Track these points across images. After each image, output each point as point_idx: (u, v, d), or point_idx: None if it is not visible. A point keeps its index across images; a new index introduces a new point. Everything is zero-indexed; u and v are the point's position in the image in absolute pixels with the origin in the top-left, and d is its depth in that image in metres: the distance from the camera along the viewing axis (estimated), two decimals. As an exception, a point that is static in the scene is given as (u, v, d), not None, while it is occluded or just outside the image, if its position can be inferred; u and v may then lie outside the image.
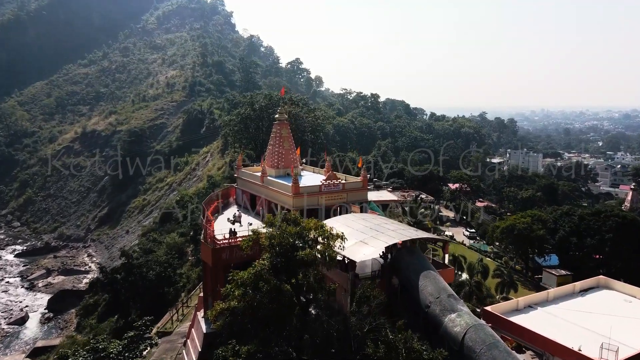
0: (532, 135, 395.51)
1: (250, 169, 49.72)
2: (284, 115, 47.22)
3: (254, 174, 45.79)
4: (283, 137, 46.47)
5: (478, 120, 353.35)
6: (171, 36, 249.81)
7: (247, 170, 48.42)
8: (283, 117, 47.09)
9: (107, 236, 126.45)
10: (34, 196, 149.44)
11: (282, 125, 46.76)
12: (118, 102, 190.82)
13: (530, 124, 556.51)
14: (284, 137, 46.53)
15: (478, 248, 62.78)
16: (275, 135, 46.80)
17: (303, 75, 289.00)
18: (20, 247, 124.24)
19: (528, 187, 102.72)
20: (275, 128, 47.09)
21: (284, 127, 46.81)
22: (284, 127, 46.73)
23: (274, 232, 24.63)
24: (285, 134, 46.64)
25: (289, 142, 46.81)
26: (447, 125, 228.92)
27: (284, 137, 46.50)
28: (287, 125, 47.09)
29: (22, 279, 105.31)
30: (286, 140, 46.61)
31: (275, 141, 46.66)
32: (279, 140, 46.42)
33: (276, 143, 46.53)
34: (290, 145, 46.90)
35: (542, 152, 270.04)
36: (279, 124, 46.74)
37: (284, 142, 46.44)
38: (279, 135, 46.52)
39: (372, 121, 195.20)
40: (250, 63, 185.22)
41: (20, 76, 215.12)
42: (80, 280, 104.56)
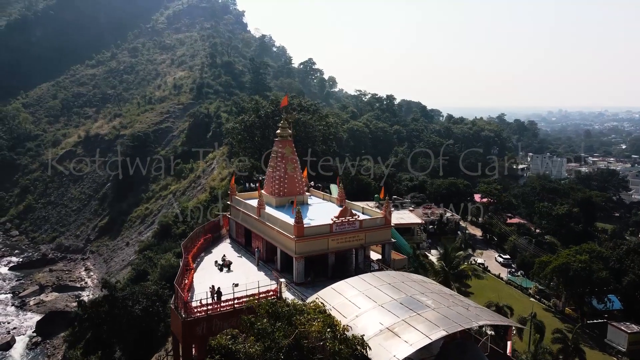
0: (551, 137, 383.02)
1: (247, 195, 41.26)
2: (287, 131, 38.56)
3: (249, 204, 37.28)
4: (286, 158, 37.89)
5: (497, 122, 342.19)
6: (181, 36, 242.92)
7: (241, 198, 39.95)
8: (286, 133, 38.47)
9: (106, 248, 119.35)
10: (34, 203, 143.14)
11: (285, 144, 38.18)
12: (124, 104, 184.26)
13: (548, 125, 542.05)
14: (287, 158, 37.95)
15: (519, 284, 53.42)
16: (277, 156, 38.20)
17: (316, 76, 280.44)
18: (16, 259, 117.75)
19: (562, 202, 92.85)
20: (276, 146, 38.58)
21: (287, 145, 38.22)
22: (287, 146, 38.13)
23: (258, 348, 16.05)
24: (288, 153, 38.03)
25: (293, 164, 38.23)
26: (466, 128, 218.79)
27: (287, 158, 37.92)
28: (290, 142, 38.48)
29: (13, 295, 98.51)
30: (290, 161, 38.04)
31: (277, 163, 38.10)
32: (281, 161, 37.85)
33: (277, 165, 37.97)
34: (294, 168, 38.32)
35: (564, 155, 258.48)
36: (281, 142, 38.19)
37: (287, 164, 37.86)
38: (281, 155, 37.93)
39: (387, 125, 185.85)
40: (260, 64, 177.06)
41: (26, 77, 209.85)
42: (74, 299, 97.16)
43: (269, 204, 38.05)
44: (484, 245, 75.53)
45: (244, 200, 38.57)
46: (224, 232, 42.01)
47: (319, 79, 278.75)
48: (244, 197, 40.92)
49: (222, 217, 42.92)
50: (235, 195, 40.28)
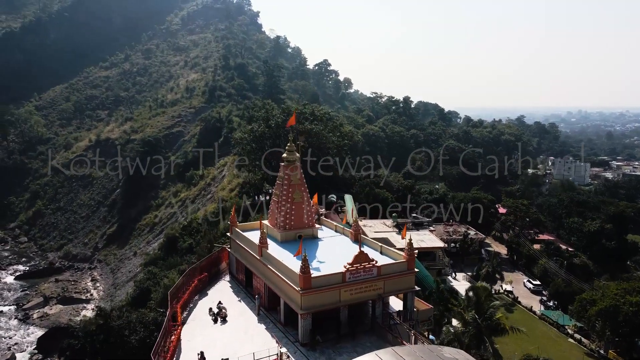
0: (571, 139, 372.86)
1: (250, 226, 36.62)
2: (294, 155, 33.75)
3: (250, 240, 32.55)
4: (293, 185, 33.13)
5: (516, 124, 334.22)
6: (195, 37, 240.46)
7: (243, 230, 35.28)
8: (293, 157, 33.68)
9: (114, 257, 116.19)
10: (44, 209, 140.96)
11: (292, 169, 33.41)
12: (137, 107, 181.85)
13: (568, 126, 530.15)
14: (294, 185, 33.19)
15: (555, 320, 47.85)
16: (283, 183, 33.47)
17: (331, 78, 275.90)
18: (23, 268, 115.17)
19: (593, 216, 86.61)
20: (282, 172, 33.84)
21: (295, 170, 33.45)
22: (294, 171, 33.36)
23: None
24: (295, 180, 33.26)
25: (301, 192, 33.45)
26: (485, 132, 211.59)
27: (293, 185, 33.16)
28: (298, 168, 33.68)
29: (17, 307, 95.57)
30: (297, 189, 33.28)
31: (282, 191, 33.37)
32: (287, 190, 33.11)
33: (283, 194, 33.23)
34: (302, 197, 33.54)
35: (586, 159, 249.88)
36: (288, 167, 33.42)
37: (294, 192, 33.10)
38: (287, 182, 33.18)
39: (404, 129, 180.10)
40: (274, 66, 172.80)
41: (40, 79, 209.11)
42: (79, 312, 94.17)
43: (274, 238, 33.34)
44: (510, 267, 69.90)
45: (244, 233, 33.92)
46: (224, 265, 37.57)
47: (334, 81, 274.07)
48: (246, 227, 36.31)
49: (222, 250, 38.44)
50: (236, 226, 35.69)
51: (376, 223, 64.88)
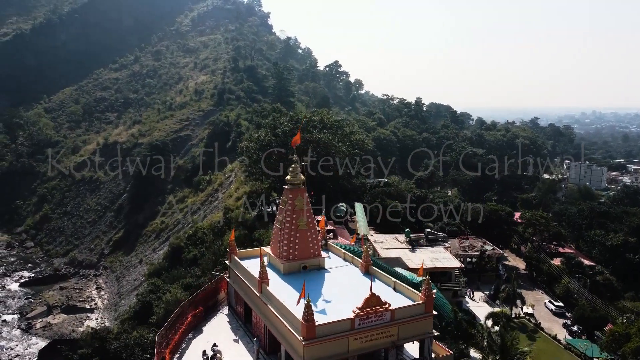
0: (586, 141, 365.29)
1: (250, 253, 33.63)
2: (298, 177, 30.72)
3: (249, 272, 29.58)
4: (297, 211, 30.11)
5: (530, 126, 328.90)
6: (205, 38, 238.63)
7: (242, 259, 32.33)
8: (297, 180, 30.66)
9: (119, 264, 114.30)
10: (51, 213, 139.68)
11: (297, 193, 30.39)
12: (145, 110, 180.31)
13: (582, 127, 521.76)
14: (299, 211, 30.16)
15: (582, 352, 44.21)
16: (286, 209, 30.45)
17: (342, 79, 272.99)
18: (28, 274, 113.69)
19: (616, 228, 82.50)
20: (285, 196, 30.85)
21: (299, 194, 30.42)
22: (298, 196, 30.34)
23: None
24: (300, 206, 30.21)
25: (306, 219, 30.41)
26: (499, 135, 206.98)
27: (298, 211, 30.15)
28: (303, 191, 30.63)
29: (20, 316, 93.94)
30: (302, 215, 30.25)
31: (285, 217, 30.35)
32: (290, 216, 30.09)
33: (287, 221, 30.22)
34: (308, 224, 30.48)
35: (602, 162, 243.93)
36: (292, 191, 30.41)
37: (298, 219, 30.10)
38: (291, 208, 30.16)
39: (416, 132, 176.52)
40: (283, 68, 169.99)
41: (50, 81, 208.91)
42: (82, 322, 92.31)
43: (276, 269, 30.39)
44: (529, 284, 66.21)
45: (244, 263, 31.02)
46: (222, 295, 34.75)
47: (344, 82, 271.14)
48: (246, 255, 33.34)
49: (220, 279, 35.57)
50: (235, 253, 32.77)
51: (387, 238, 61.70)
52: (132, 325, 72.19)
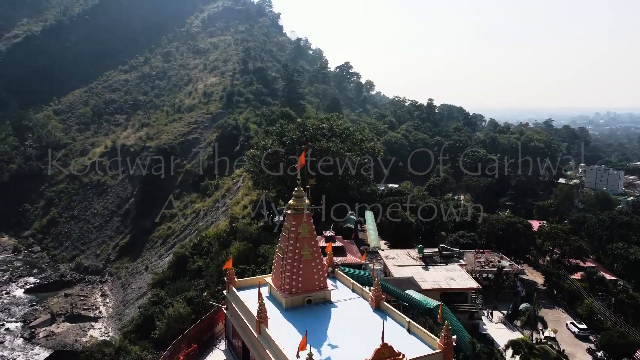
0: (601, 143, 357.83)
1: (250, 282, 30.92)
2: (302, 202, 27.91)
3: (247, 309, 26.85)
4: (301, 239, 27.36)
5: (543, 127, 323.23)
6: (215, 40, 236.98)
7: (240, 292, 29.56)
8: (301, 205, 27.86)
9: (125, 270, 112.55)
10: (58, 217, 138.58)
11: (300, 220, 27.59)
12: (154, 112, 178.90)
13: (596, 128, 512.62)
14: (303, 240, 27.41)
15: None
16: (289, 236, 27.66)
17: (353, 80, 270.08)
18: (34, 280, 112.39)
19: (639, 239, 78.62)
20: (288, 222, 28.04)
21: (303, 221, 27.65)
22: (302, 222, 27.56)
23: None
24: (305, 233, 27.44)
25: (310, 248, 27.64)
26: (513, 138, 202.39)
27: (302, 239, 27.39)
28: (308, 217, 27.85)
29: (24, 325, 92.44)
30: (307, 244, 27.49)
31: (288, 246, 27.58)
32: (293, 244, 27.33)
33: (289, 250, 27.45)
34: (313, 252, 27.71)
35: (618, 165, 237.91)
36: (295, 218, 27.61)
37: (302, 247, 27.34)
38: (294, 236, 27.39)
39: (428, 135, 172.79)
40: (293, 70, 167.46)
41: (61, 83, 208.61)
42: (86, 331, 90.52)
43: (277, 303, 27.69)
44: (548, 301, 62.77)
45: (243, 294, 28.30)
46: (220, 327, 32.12)
47: (355, 83, 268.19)
48: (246, 284, 30.68)
49: (217, 310, 32.91)
50: (233, 283, 30.06)
51: (399, 254, 58.62)
52: (134, 339, 70.41)
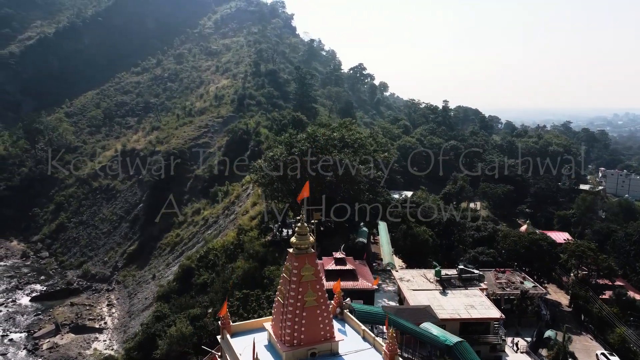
0: (620, 145, 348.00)
1: (249, 326, 27.56)
2: (306, 240, 24.44)
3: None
4: (304, 283, 23.93)
5: (562, 130, 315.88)
6: (227, 41, 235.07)
7: (236, 338, 26.23)
8: (305, 243, 24.38)
9: (132, 279, 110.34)
10: (67, 222, 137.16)
11: (304, 261, 24.11)
12: (165, 114, 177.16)
13: (615, 130, 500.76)
14: (307, 284, 23.96)
15: None
16: (290, 280, 24.20)
17: (366, 82, 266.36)
18: (40, 288, 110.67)
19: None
20: (289, 263, 24.56)
21: (307, 262, 24.17)
22: (306, 264, 24.10)
23: None
24: (309, 276, 23.98)
25: (315, 292, 24.17)
26: (531, 142, 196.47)
27: (305, 283, 23.96)
28: (312, 258, 24.39)
29: (27, 335, 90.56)
30: (311, 288, 24.05)
31: (290, 291, 24.12)
32: (296, 289, 23.91)
33: (291, 295, 24.01)
34: (318, 298, 24.25)
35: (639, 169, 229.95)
36: (298, 258, 24.13)
37: (305, 293, 23.92)
38: (296, 280, 23.94)
39: (443, 140, 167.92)
40: (305, 73, 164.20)
41: (73, 85, 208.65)
42: (89, 344, 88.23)
43: (276, 355, 24.33)
44: (575, 325, 58.48)
45: (237, 344, 24.97)
46: (215, 373, 29.03)
47: (369, 85, 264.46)
48: (243, 329, 27.37)
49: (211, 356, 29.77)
50: (228, 328, 26.74)
51: (415, 275, 54.80)
52: (136, 356, 67.93)
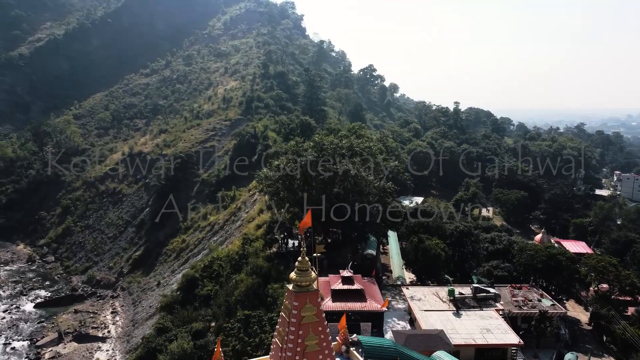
0: (635, 147, 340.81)
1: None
2: (308, 276, 22.00)
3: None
4: (305, 325, 21.46)
5: (576, 132, 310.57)
6: (236, 42, 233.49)
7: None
8: (306, 280, 21.87)
9: (137, 285, 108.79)
10: (73, 226, 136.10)
11: (304, 300, 21.60)
12: (173, 117, 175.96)
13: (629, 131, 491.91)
14: (307, 326, 21.47)
15: None
16: (289, 322, 21.69)
17: (376, 83, 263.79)
18: (45, 294, 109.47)
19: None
20: (288, 301, 22.05)
21: (309, 301, 21.68)
22: (306, 304, 21.58)
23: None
24: (310, 317, 21.51)
25: (317, 336, 21.66)
26: (544, 146, 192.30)
27: (306, 325, 21.48)
28: (314, 297, 21.90)
29: (30, 343, 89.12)
30: (312, 331, 21.55)
31: (288, 334, 21.60)
32: (295, 332, 21.43)
33: (290, 338, 21.50)
34: (320, 342, 21.73)
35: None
36: (298, 297, 21.60)
37: (306, 336, 21.45)
38: (296, 321, 21.44)
39: (455, 143, 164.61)
40: (315, 75, 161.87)
41: (83, 86, 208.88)
42: (92, 353, 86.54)
43: (274, 405, 21.87)
44: (596, 346, 55.34)
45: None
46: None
47: (379, 87, 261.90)
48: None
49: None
50: (222, 369, 24.46)
51: (426, 293, 52.08)
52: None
